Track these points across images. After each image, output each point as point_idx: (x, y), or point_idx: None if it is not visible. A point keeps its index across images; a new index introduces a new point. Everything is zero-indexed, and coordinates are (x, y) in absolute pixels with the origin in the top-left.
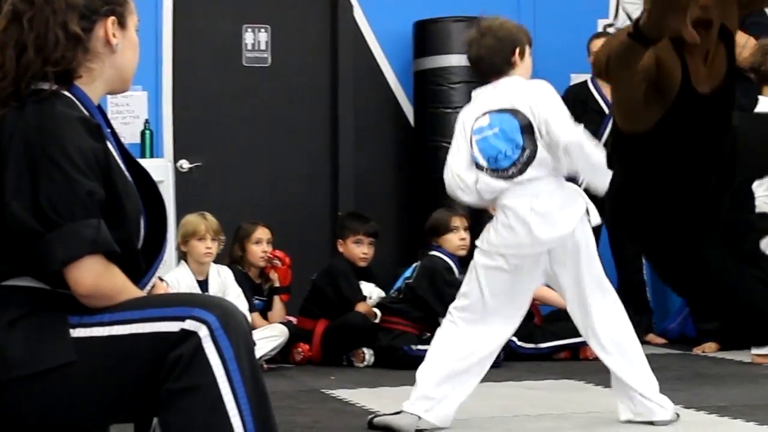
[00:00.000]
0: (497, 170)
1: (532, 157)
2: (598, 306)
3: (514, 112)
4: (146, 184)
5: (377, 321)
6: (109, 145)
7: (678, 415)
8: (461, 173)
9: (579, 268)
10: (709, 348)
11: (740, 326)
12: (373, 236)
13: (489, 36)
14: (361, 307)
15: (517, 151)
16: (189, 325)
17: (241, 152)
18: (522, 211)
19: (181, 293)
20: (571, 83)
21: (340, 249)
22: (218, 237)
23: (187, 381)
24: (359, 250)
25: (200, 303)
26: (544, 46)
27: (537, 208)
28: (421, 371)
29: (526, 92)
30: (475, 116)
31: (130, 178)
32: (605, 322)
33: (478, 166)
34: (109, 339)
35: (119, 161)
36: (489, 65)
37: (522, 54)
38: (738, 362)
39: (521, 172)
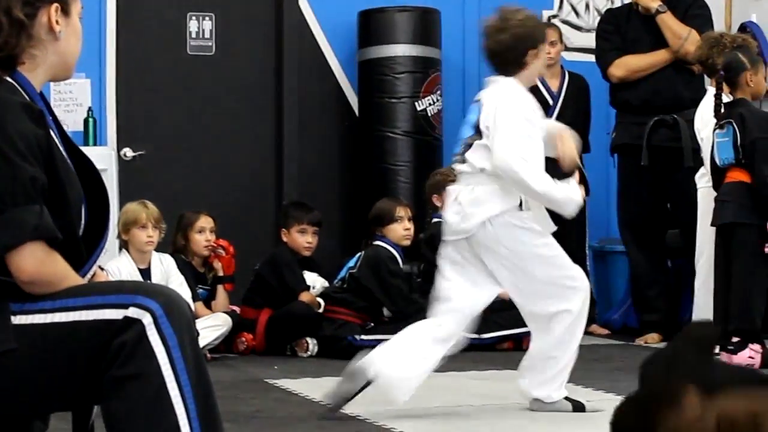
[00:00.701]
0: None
1: (466, 150)
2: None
3: (480, 108)
4: (88, 171)
5: (321, 311)
6: (51, 132)
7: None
8: None
9: (492, 266)
10: (651, 339)
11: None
12: (316, 225)
13: (507, 32)
14: (304, 297)
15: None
16: (132, 312)
17: (185, 141)
18: (451, 198)
19: (124, 281)
20: None
21: (284, 238)
22: (159, 225)
23: (131, 369)
24: (303, 239)
25: (144, 291)
26: None
27: (459, 198)
28: None
29: (503, 97)
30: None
31: (72, 166)
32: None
33: None
34: (50, 326)
35: (61, 148)
36: (501, 62)
37: (536, 55)
38: None
39: (462, 161)
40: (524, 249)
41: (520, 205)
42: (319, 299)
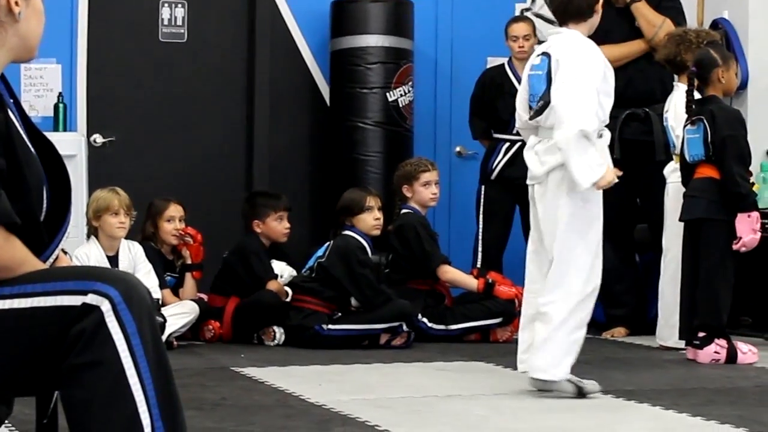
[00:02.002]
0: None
1: (544, 106)
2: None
3: (549, 61)
4: (50, 156)
5: (288, 300)
6: (11, 115)
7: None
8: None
9: (542, 214)
10: (618, 333)
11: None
12: (289, 210)
13: None
14: (272, 286)
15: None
16: (91, 299)
17: (155, 128)
18: (529, 146)
19: (83, 266)
20: (488, 66)
21: (258, 229)
22: (130, 212)
23: (89, 356)
24: (281, 226)
25: (103, 277)
26: (462, 29)
27: (536, 148)
28: None
29: (572, 49)
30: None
31: (32, 150)
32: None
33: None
34: (8, 312)
35: (21, 132)
36: (574, 10)
37: (599, 8)
38: (646, 347)
39: (537, 116)
40: (577, 201)
41: None
42: (287, 288)
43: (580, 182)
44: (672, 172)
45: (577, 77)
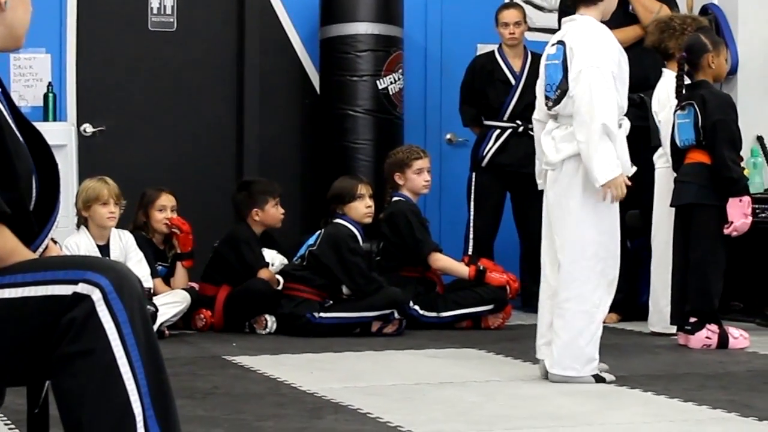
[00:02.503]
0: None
1: (562, 95)
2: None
3: (564, 49)
4: (39, 145)
5: (280, 288)
6: (0, 105)
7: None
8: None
9: (551, 200)
10: (610, 319)
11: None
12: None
13: None
14: (263, 274)
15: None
16: (82, 288)
17: (145, 117)
18: (546, 132)
19: (73, 255)
20: (478, 53)
21: (257, 218)
22: (120, 201)
23: (81, 345)
24: (279, 211)
25: (93, 266)
26: (452, 16)
27: (553, 134)
28: None
29: (586, 37)
30: (550, 43)
31: (21, 139)
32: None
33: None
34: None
35: (10, 121)
36: None
37: None
38: (638, 333)
39: (553, 105)
40: (591, 191)
41: None
42: (278, 276)
43: (598, 178)
44: (659, 157)
45: (593, 66)
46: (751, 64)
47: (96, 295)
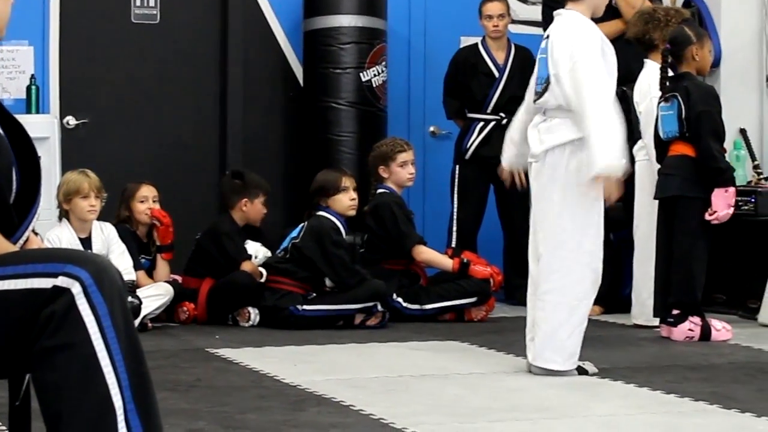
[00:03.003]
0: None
1: (546, 88)
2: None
3: (550, 44)
4: (20, 137)
5: (263, 280)
6: None
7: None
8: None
9: (535, 192)
10: (592, 311)
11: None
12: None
13: None
14: (246, 266)
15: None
16: (61, 281)
17: (128, 109)
18: (532, 125)
19: (54, 248)
20: (462, 46)
21: (244, 208)
22: (101, 194)
23: (61, 338)
24: (263, 209)
25: (73, 259)
26: (435, 8)
27: (539, 126)
28: None
29: (572, 32)
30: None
31: (1, 131)
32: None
33: None
34: None
35: None
36: None
37: None
38: (620, 325)
39: (538, 98)
40: (573, 182)
41: None
42: (261, 269)
43: (597, 162)
44: (639, 149)
45: (581, 60)
46: (734, 57)
47: (76, 289)
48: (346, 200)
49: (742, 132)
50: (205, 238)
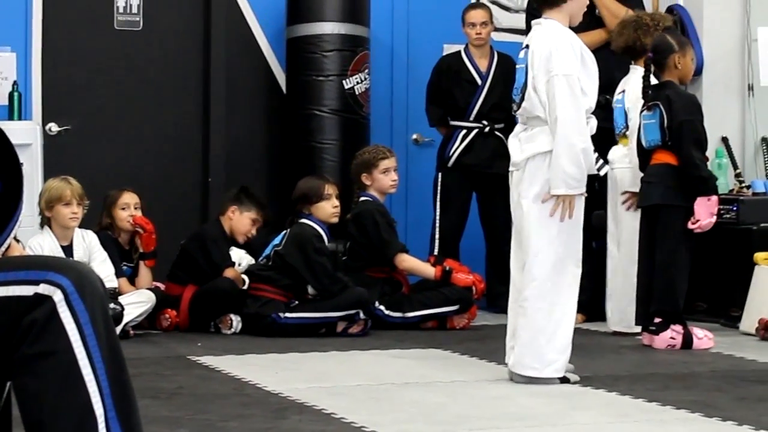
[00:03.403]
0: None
1: (523, 97)
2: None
3: (529, 53)
4: (1, 143)
5: (245, 288)
6: None
7: (564, 380)
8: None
9: (514, 200)
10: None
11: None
12: (264, 223)
13: None
14: (229, 273)
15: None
16: (43, 289)
17: (111, 116)
18: (513, 134)
19: (35, 256)
20: (445, 53)
21: (230, 215)
22: (83, 201)
23: (42, 346)
24: (250, 228)
25: (54, 266)
26: (418, 16)
27: (519, 135)
28: None
29: (549, 42)
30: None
31: None
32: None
33: None
34: None
35: None
36: None
37: None
38: (602, 333)
39: (517, 108)
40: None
41: None
42: (244, 276)
43: (552, 188)
44: (622, 157)
45: (558, 74)
46: (716, 65)
47: (57, 296)
48: (329, 208)
49: (724, 140)
50: (190, 243)
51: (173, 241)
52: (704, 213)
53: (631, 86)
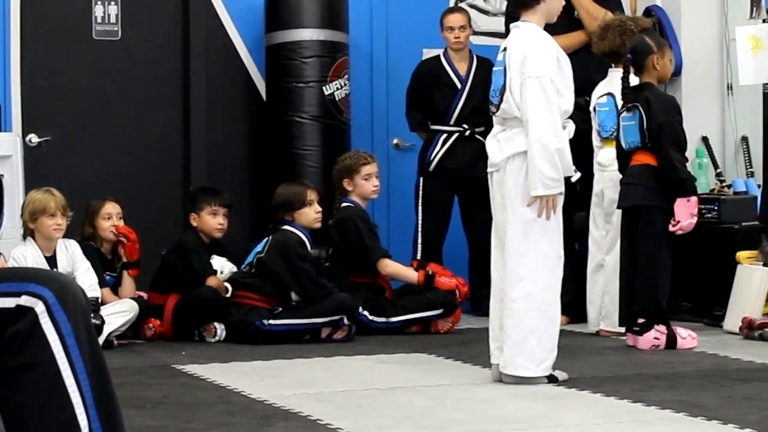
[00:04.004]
0: (491, 103)
1: (501, 100)
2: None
3: (507, 56)
4: None
5: (228, 296)
6: None
7: (552, 379)
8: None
9: (496, 201)
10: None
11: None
12: (227, 207)
13: None
14: (212, 281)
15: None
16: (25, 300)
17: (91, 126)
18: (492, 135)
19: (17, 268)
20: (424, 57)
21: (194, 223)
22: (66, 212)
23: (25, 358)
24: (215, 221)
25: (36, 278)
26: (397, 21)
27: (498, 136)
28: None
29: (526, 45)
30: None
31: None
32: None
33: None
34: None
35: None
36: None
37: None
38: (587, 335)
39: (497, 110)
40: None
41: None
42: (227, 284)
43: (531, 189)
44: (613, 159)
45: (532, 76)
46: (695, 65)
47: (39, 308)
48: (312, 213)
49: (705, 140)
50: (170, 254)
51: (155, 249)
52: (684, 214)
53: (615, 88)
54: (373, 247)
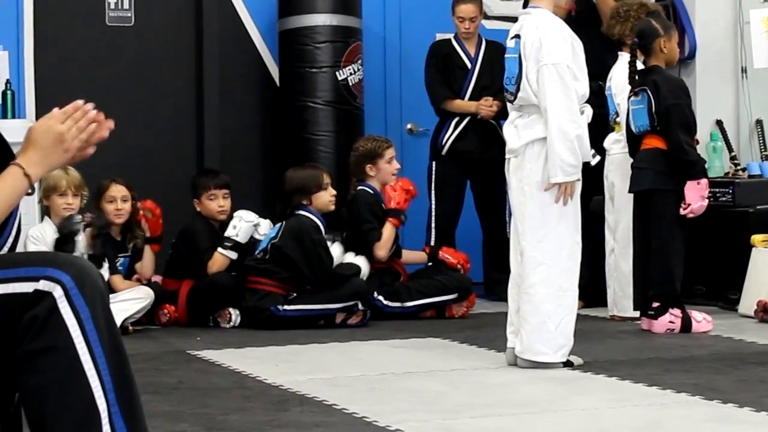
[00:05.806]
0: (507, 91)
1: (518, 87)
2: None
3: (521, 43)
4: None
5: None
6: None
7: (567, 364)
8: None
9: (514, 187)
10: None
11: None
12: (224, 188)
13: None
14: (216, 259)
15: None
16: (43, 285)
17: (105, 112)
18: (509, 121)
19: (35, 252)
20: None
21: (198, 209)
22: (80, 192)
23: (43, 342)
24: (215, 204)
25: (54, 262)
26: (410, 5)
27: (516, 122)
28: None
29: (540, 31)
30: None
31: None
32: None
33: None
34: None
35: None
36: None
37: None
38: (601, 319)
39: (513, 98)
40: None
41: None
42: (230, 253)
43: (550, 177)
44: (613, 143)
45: (548, 63)
46: (710, 49)
47: (57, 292)
48: (327, 196)
49: (719, 123)
50: (179, 241)
51: (169, 235)
52: (695, 197)
53: (616, 73)
54: (370, 230)
